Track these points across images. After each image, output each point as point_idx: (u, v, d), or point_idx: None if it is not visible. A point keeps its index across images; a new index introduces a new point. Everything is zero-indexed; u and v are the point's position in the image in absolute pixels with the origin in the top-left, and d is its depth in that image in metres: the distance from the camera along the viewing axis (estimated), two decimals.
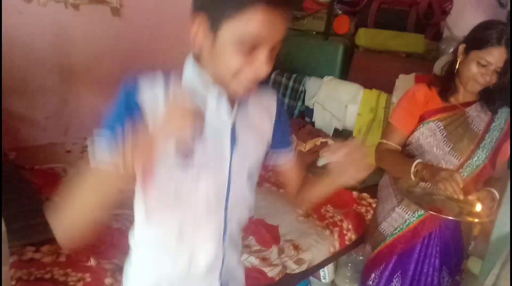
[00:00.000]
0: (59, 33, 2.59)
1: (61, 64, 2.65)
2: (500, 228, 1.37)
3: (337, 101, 2.91)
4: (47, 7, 2.50)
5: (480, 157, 1.46)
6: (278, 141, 1.01)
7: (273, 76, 3.29)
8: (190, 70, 0.85)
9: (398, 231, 1.59)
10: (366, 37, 2.90)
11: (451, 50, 1.53)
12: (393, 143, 1.49)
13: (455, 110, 1.45)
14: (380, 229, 1.64)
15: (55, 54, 2.61)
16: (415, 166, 1.33)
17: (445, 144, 1.46)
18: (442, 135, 1.46)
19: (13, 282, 1.27)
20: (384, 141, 1.51)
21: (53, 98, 2.67)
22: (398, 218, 1.59)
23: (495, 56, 1.30)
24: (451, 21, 2.76)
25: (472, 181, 1.46)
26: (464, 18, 2.70)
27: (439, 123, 1.45)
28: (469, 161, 1.46)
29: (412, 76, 2.59)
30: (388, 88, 2.71)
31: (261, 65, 0.75)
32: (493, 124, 1.47)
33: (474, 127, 1.46)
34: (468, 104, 1.46)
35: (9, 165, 2.13)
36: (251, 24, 0.72)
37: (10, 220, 1.04)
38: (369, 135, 2.72)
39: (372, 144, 2.69)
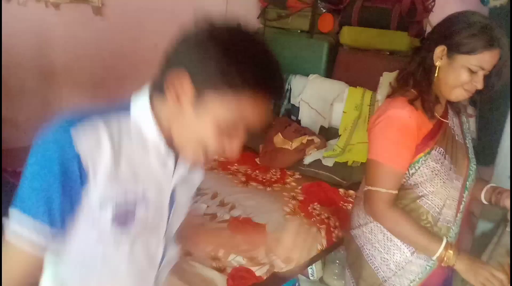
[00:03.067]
0: (40, 33, 2.55)
1: (41, 64, 2.60)
2: (483, 224, 1.39)
3: (323, 99, 2.92)
4: (27, 6, 2.45)
5: (473, 169, 1.30)
6: None
7: None
8: (141, 115, 0.75)
9: (417, 281, 1.29)
10: (350, 35, 2.92)
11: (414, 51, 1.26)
12: (393, 190, 1.19)
13: (442, 126, 1.23)
14: (388, 285, 1.31)
15: (35, 54, 2.56)
16: (443, 250, 1.14)
17: (452, 170, 1.23)
18: (448, 161, 1.22)
19: None
20: (382, 190, 1.18)
21: (34, 99, 2.62)
22: (416, 269, 1.27)
23: (488, 60, 1.11)
24: (434, 18, 2.78)
25: (470, 198, 1.31)
26: (446, 15, 2.72)
27: (440, 149, 1.21)
28: (468, 178, 1.28)
29: (395, 73, 2.60)
30: (372, 85, 2.72)
31: (235, 149, 0.72)
32: (465, 127, 1.33)
33: (458, 137, 1.28)
34: (445, 114, 1.26)
35: None
36: (244, 109, 0.67)
37: None
38: (355, 133, 2.74)
39: (357, 142, 2.72)
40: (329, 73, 3.06)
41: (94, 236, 0.75)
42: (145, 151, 0.76)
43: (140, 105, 0.76)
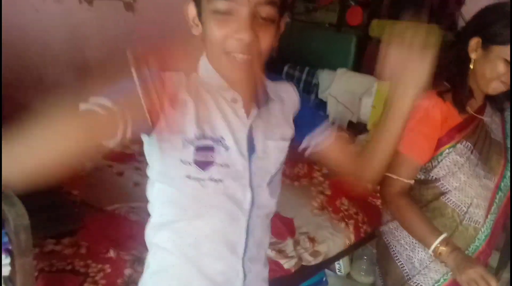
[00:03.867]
0: (74, 29, 2.62)
1: (75, 60, 2.68)
2: None
3: (351, 93, 2.89)
4: (62, 3, 2.53)
5: (510, 170, 1.24)
6: (307, 125, 0.96)
7: (285, 69, 3.28)
8: (204, 70, 0.84)
9: (442, 282, 1.26)
10: (379, 28, 2.88)
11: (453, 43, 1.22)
12: (406, 178, 1.18)
13: (474, 122, 1.20)
14: (413, 283, 1.29)
15: (69, 50, 2.64)
16: (439, 244, 1.11)
17: (480, 167, 1.19)
18: (476, 157, 1.18)
19: (36, 273, 1.31)
20: (395, 176, 1.18)
21: (69, 93, 2.70)
22: (440, 268, 1.25)
23: None
24: (467, 11, 2.72)
25: (507, 201, 1.26)
26: (479, 7, 2.65)
27: (467, 143, 1.17)
28: (504, 180, 1.23)
29: None
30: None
31: (240, 30, 0.73)
32: (507, 126, 1.27)
33: (495, 135, 1.23)
34: (481, 109, 1.22)
35: None
36: None
37: (31, 213, 1.07)
38: None
39: None
40: (358, 67, 3.03)
41: (181, 173, 0.80)
42: (214, 97, 0.82)
43: (202, 63, 0.84)
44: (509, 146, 1.26)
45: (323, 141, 0.97)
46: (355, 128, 2.88)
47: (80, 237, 1.58)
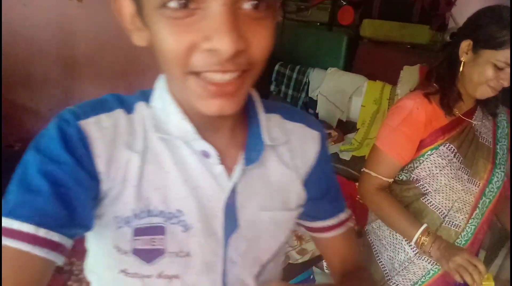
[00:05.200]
0: (63, 25, 2.60)
1: (64, 56, 2.65)
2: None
3: (341, 92, 2.90)
4: None
5: (499, 177, 1.21)
6: (315, 204, 0.68)
7: (276, 67, 3.27)
8: (159, 102, 0.56)
9: (420, 284, 1.25)
10: (370, 28, 2.89)
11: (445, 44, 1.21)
12: (384, 176, 1.18)
13: (462, 124, 1.18)
14: (392, 283, 1.28)
15: (58, 46, 2.62)
16: (420, 234, 1.09)
17: (463, 171, 1.17)
18: (458, 160, 1.16)
19: None
20: (373, 173, 1.18)
21: (57, 90, 2.68)
22: (418, 270, 1.24)
23: None
24: (457, 12, 2.73)
25: (493, 207, 1.24)
26: (469, 9, 2.66)
27: (450, 146, 1.15)
28: (489, 185, 1.20)
29: (416, 67, 2.58)
30: (392, 79, 2.69)
31: (214, 33, 0.42)
32: (499, 131, 1.25)
33: (484, 140, 1.21)
34: (470, 113, 1.20)
35: (15, 156, 2.14)
36: None
37: None
38: (373, 127, 2.72)
39: (375, 136, 2.69)
40: (348, 67, 3.03)
41: (114, 266, 0.55)
42: (175, 147, 0.56)
43: (157, 87, 0.58)
44: (499, 151, 1.24)
45: (322, 232, 0.72)
46: (345, 127, 2.90)
47: None
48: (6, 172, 1.73)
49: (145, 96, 0.57)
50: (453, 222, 1.21)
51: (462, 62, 1.13)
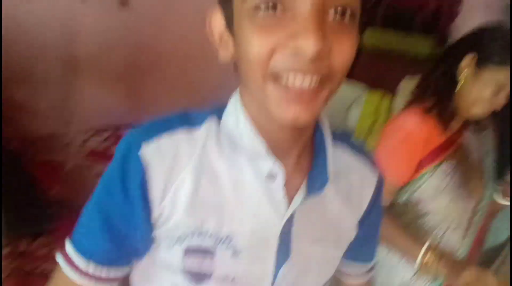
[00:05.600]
0: (66, 24, 2.60)
1: (66, 54, 2.65)
2: (494, 238, 1.33)
3: (340, 101, 2.90)
4: None
5: (489, 193, 1.21)
6: (356, 245, 0.66)
7: None
8: (231, 116, 0.55)
9: None
10: (372, 37, 2.89)
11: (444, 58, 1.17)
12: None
13: (456, 142, 1.15)
14: None
15: (60, 44, 2.62)
16: (424, 253, 1.06)
17: (461, 189, 1.15)
18: (458, 179, 1.13)
19: (6, 274, 1.28)
20: None
21: (57, 89, 2.68)
22: None
23: None
24: (459, 24, 2.74)
25: (483, 224, 1.23)
26: (472, 21, 2.67)
27: (449, 165, 1.13)
28: (481, 203, 1.19)
29: (416, 79, 2.59)
30: (392, 89, 2.69)
31: (300, 34, 0.42)
32: (484, 149, 1.23)
33: (473, 156, 1.19)
34: (462, 129, 1.18)
35: (9, 154, 2.13)
36: None
37: (7, 211, 1.04)
38: (371, 137, 2.71)
39: (372, 146, 2.69)
40: (349, 75, 3.03)
41: (165, 283, 0.57)
42: (238, 168, 0.54)
43: (231, 102, 0.56)
44: (486, 167, 1.22)
45: (348, 275, 0.72)
46: None
47: (54, 238, 1.55)
48: (3, 171, 1.72)
49: (218, 111, 0.57)
50: (449, 242, 1.18)
51: (463, 76, 1.09)
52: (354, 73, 2.88)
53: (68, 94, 2.70)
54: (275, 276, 0.56)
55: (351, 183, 0.62)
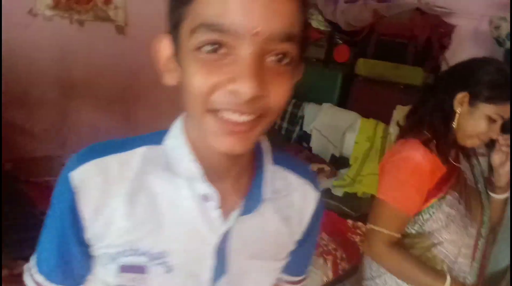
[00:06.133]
0: (63, 48, 2.62)
1: (62, 78, 2.66)
2: (495, 263, 1.34)
3: (335, 128, 2.94)
4: (53, 21, 2.53)
5: (487, 215, 1.22)
6: (295, 261, 0.71)
7: None
8: (172, 140, 0.59)
9: None
10: (365, 66, 2.96)
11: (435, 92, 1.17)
12: (395, 232, 1.12)
13: (456, 171, 1.17)
14: None
15: (57, 68, 2.63)
16: None
17: (466, 216, 1.16)
18: (463, 207, 1.15)
19: None
20: (385, 231, 1.12)
21: (53, 112, 2.68)
22: None
23: (509, 110, 1.07)
24: (450, 55, 2.82)
25: (486, 246, 1.24)
26: (462, 53, 2.76)
27: (454, 193, 1.14)
28: (483, 226, 1.21)
29: (409, 108, 2.63)
30: (385, 117, 2.74)
31: (239, 77, 0.45)
32: (476, 170, 1.25)
33: (470, 182, 1.21)
34: (457, 157, 1.20)
35: (5, 176, 2.11)
36: (206, 4, 0.46)
37: (3, 233, 1.02)
38: (366, 164, 2.73)
39: (368, 173, 2.72)
40: (342, 103, 3.09)
41: None
42: (175, 188, 0.57)
43: (174, 126, 0.60)
44: (481, 190, 1.24)
45: (295, 283, 0.76)
46: (338, 162, 2.91)
47: None
48: None
49: (156, 138, 0.60)
50: (461, 268, 1.19)
51: (457, 114, 1.11)
52: (348, 101, 2.94)
53: (64, 117, 2.71)
54: None
55: (292, 202, 0.66)
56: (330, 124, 2.96)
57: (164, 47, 0.55)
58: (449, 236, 1.15)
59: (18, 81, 2.46)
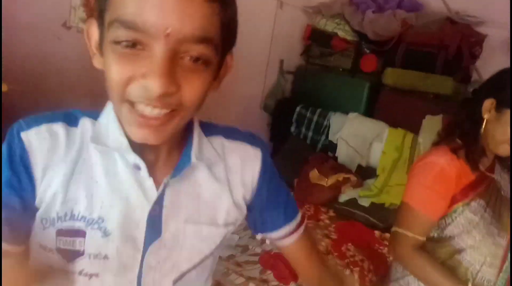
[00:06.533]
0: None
1: (93, 89, 2.71)
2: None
3: (362, 138, 2.90)
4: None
5: None
6: (269, 213, 0.76)
7: (298, 109, 3.31)
8: (104, 118, 0.64)
9: None
10: (393, 76, 2.92)
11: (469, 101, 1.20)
12: (420, 235, 1.16)
13: (487, 180, 1.18)
14: None
15: (88, 79, 2.69)
16: None
17: (494, 225, 1.17)
18: (490, 215, 1.16)
19: None
20: (409, 234, 1.15)
21: None
22: None
23: None
24: (480, 65, 2.76)
25: None
26: (493, 62, 2.70)
27: (481, 201, 1.15)
28: None
29: (439, 117, 2.58)
30: (414, 128, 2.69)
31: (149, 74, 0.49)
32: None
33: (505, 193, 1.21)
34: (492, 167, 1.21)
35: None
36: (125, 1, 0.49)
37: None
38: (393, 174, 2.69)
39: (396, 184, 2.67)
40: (369, 113, 3.05)
41: (42, 259, 0.61)
42: (111, 159, 0.62)
43: (107, 106, 0.65)
44: None
45: (282, 239, 0.79)
46: (364, 172, 2.87)
47: None
48: None
49: (95, 114, 0.65)
50: (485, 277, 1.19)
51: (485, 120, 1.13)
52: (375, 111, 2.92)
53: None
54: (144, 253, 0.63)
55: (229, 166, 0.70)
56: (357, 134, 2.93)
57: (92, 32, 0.58)
58: (472, 242, 1.16)
59: (51, 92, 2.55)
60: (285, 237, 0.78)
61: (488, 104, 1.12)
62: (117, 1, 0.50)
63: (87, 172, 0.60)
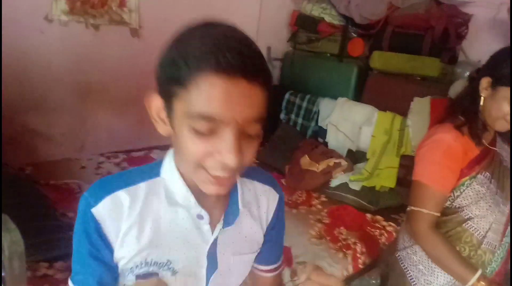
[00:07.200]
0: (79, 53, 2.66)
1: (79, 82, 2.70)
2: None
3: (351, 122, 2.91)
4: (68, 27, 2.57)
5: None
6: (265, 251, 0.88)
7: (287, 96, 3.31)
8: (168, 174, 0.75)
9: None
10: (380, 59, 2.92)
11: (466, 76, 1.32)
12: (435, 211, 1.21)
13: (490, 153, 1.26)
14: None
15: (73, 73, 2.67)
16: (477, 281, 1.13)
17: (498, 195, 1.25)
18: (494, 186, 1.24)
19: None
20: (425, 211, 1.21)
21: (70, 116, 2.72)
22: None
23: None
24: (467, 45, 2.76)
25: None
26: (479, 42, 2.71)
27: (486, 173, 1.23)
28: None
29: (427, 99, 2.59)
30: (402, 110, 2.70)
31: (225, 151, 0.60)
32: None
33: (506, 163, 1.29)
34: (493, 141, 1.28)
35: (25, 180, 2.16)
36: (199, 96, 0.58)
37: (25, 236, 1.05)
38: (383, 157, 2.70)
39: (386, 166, 2.68)
40: (358, 97, 3.06)
41: None
42: (173, 212, 0.74)
43: (167, 161, 0.76)
44: None
45: (266, 273, 0.92)
46: (354, 157, 2.88)
47: None
48: (18, 193, 1.72)
49: (154, 170, 0.76)
50: (490, 242, 1.26)
51: (482, 98, 1.20)
52: (363, 95, 2.92)
53: (81, 120, 2.75)
54: (207, 282, 0.78)
55: (259, 205, 0.84)
56: (346, 119, 2.93)
57: (156, 103, 0.67)
58: (479, 212, 1.23)
59: (35, 86, 2.51)
60: (269, 272, 0.92)
61: (485, 82, 1.19)
62: (192, 96, 0.59)
63: (153, 224, 0.73)
